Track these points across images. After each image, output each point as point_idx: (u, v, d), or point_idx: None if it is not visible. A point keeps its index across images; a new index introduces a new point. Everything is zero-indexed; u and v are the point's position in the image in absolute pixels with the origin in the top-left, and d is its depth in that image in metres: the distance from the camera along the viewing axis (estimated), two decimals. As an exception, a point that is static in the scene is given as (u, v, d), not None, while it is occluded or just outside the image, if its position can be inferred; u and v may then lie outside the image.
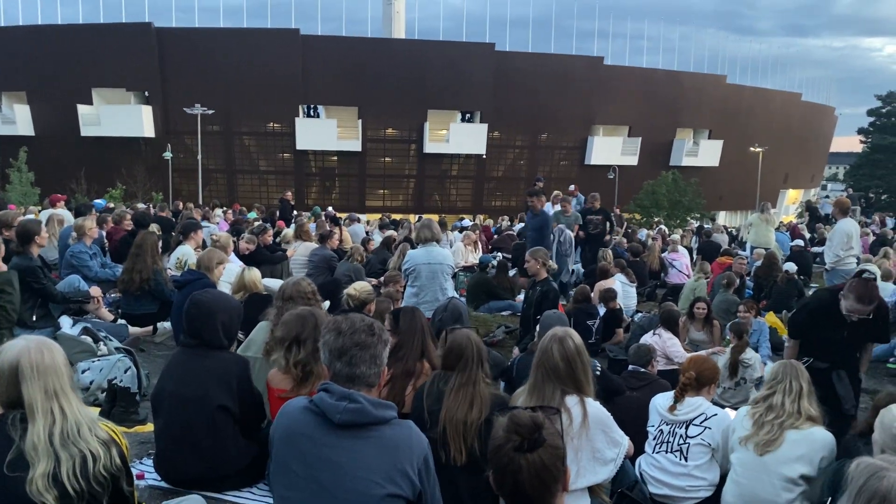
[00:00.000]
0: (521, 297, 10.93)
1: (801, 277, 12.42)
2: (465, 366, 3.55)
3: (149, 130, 43.19)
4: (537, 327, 5.71)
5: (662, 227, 27.94)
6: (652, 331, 7.50)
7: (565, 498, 2.11)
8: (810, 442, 3.75)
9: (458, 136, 46.69)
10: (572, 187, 17.32)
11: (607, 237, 13.31)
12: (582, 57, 48.90)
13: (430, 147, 46.80)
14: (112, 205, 20.04)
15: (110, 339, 5.96)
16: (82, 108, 42.51)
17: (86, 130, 42.57)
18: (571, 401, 3.42)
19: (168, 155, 38.95)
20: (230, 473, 3.57)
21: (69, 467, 2.33)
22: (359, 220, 18.25)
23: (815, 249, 17.03)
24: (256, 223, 14.95)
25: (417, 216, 32.41)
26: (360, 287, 6.07)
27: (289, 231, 13.00)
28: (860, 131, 62.48)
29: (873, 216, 28.35)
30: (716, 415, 4.22)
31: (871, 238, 17.97)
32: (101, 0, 46.06)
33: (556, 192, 15.47)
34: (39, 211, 14.47)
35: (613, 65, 49.09)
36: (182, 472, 3.59)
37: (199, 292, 3.94)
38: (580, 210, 13.88)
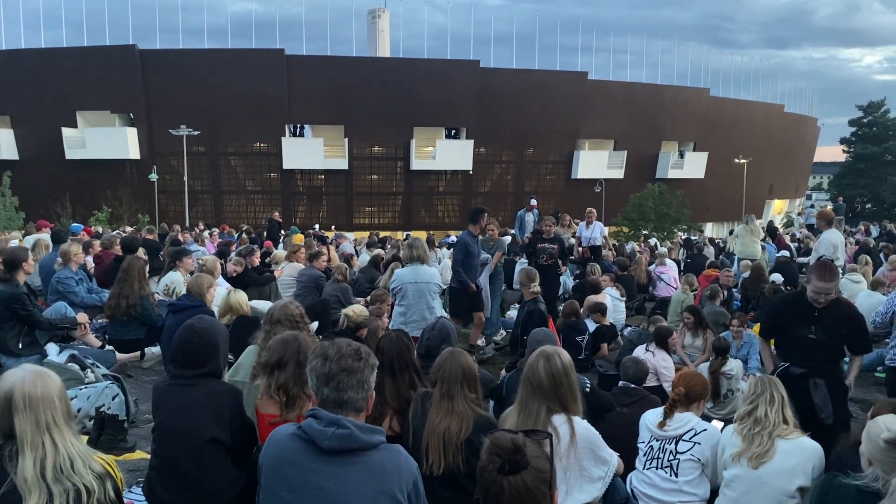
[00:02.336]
0: (510, 313, 10.95)
1: (788, 288, 12.50)
2: (442, 381, 3.58)
3: (134, 152, 43.07)
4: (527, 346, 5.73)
5: (653, 240, 28.07)
6: (645, 346, 7.51)
7: None
8: (801, 451, 3.77)
9: (444, 153, 46.86)
10: (533, 201, 16.42)
11: (562, 269, 11.25)
12: (566, 72, 49.31)
13: (417, 164, 46.93)
14: (100, 229, 19.97)
15: (97, 366, 5.91)
16: (67, 132, 42.38)
17: (70, 153, 42.41)
18: (559, 420, 3.42)
19: (154, 177, 38.84)
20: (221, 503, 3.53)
21: (62, 502, 2.31)
22: (346, 239, 18.22)
23: (801, 260, 17.15)
24: (243, 246, 14.89)
25: (405, 233, 32.46)
26: (359, 311, 6.10)
27: (279, 252, 12.95)
28: (843, 141, 63.20)
29: (858, 225, 28.58)
30: (705, 430, 4.23)
31: (854, 247, 18.11)
32: (84, 23, 46.14)
33: (590, 209, 14.44)
34: (24, 236, 14.38)
35: (597, 79, 49.53)
36: (171, 503, 3.54)
37: (193, 320, 3.84)
38: (532, 233, 12.49)
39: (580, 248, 14.10)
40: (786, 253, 16.46)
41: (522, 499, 2.00)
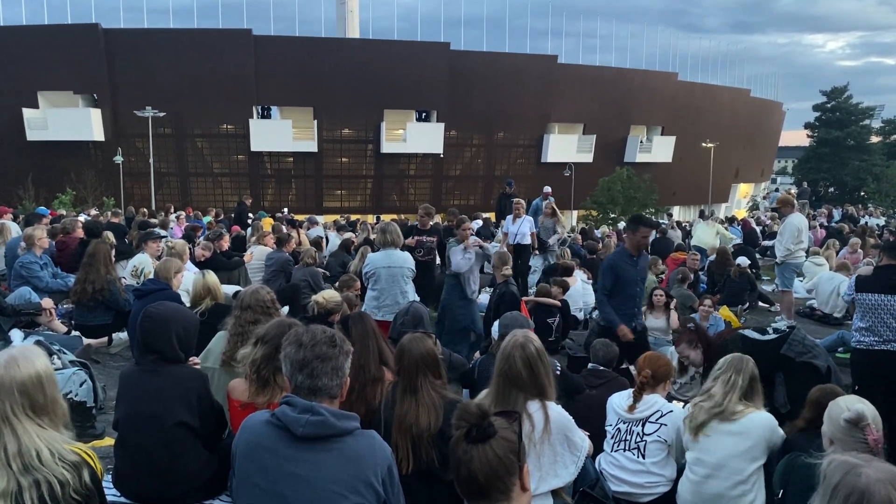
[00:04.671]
0: (481, 297, 11.00)
1: (753, 270, 12.75)
2: (405, 372, 3.51)
3: (98, 134, 42.15)
4: (493, 329, 5.78)
5: (622, 224, 28.34)
6: (611, 329, 7.58)
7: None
8: (752, 428, 3.88)
9: (414, 136, 46.62)
10: (547, 189, 14.90)
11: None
12: (536, 56, 49.25)
13: (388, 147, 46.65)
14: (63, 212, 19.59)
15: (64, 353, 5.82)
16: (28, 112, 41.32)
17: (32, 135, 41.36)
18: (533, 406, 3.42)
19: (119, 159, 38.10)
20: (191, 489, 3.52)
21: (32, 496, 2.26)
22: (318, 223, 18.10)
23: (766, 243, 17.49)
24: (211, 230, 14.71)
25: (376, 217, 32.32)
26: (329, 296, 6.00)
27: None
28: (807, 126, 64.18)
29: (821, 209, 29.16)
30: (671, 411, 4.32)
31: (820, 231, 18.50)
32: (45, 1, 44.86)
33: (517, 200, 12.84)
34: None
35: (567, 63, 49.53)
36: (142, 491, 3.53)
37: (152, 305, 3.85)
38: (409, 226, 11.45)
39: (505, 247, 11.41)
40: (739, 241, 16.85)
41: (493, 467, 2.03)
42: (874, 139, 63.70)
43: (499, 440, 2.07)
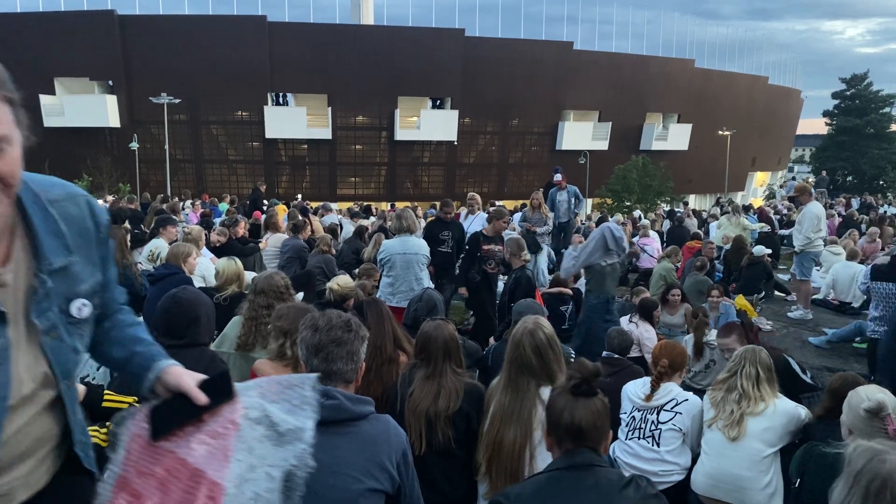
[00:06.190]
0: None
1: (771, 259, 12.65)
2: (428, 357, 3.53)
3: (114, 120, 42.39)
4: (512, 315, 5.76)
5: (637, 212, 28.19)
6: (629, 317, 7.56)
7: None
8: (773, 414, 3.89)
9: (428, 123, 46.52)
10: (558, 176, 13.46)
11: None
12: (551, 42, 48.93)
13: (402, 134, 46.60)
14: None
15: (81, 336, 5.86)
16: (45, 99, 41.57)
17: (49, 121, 41.58)
18: (547, 393, 3.42)
19: (134, 145, 38.30)
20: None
21: None
22: (331, 210, 18.11)
23: (783, 232, 17.34)
24: (227, 216, 14.76)
25: (390, 204, 32.29)
26: (344, 282, 6.03)
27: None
28: (825, 114, 63.33)
29: (838, 198, 28.85)
30: (686, 400, 4.30)
31: (837, 220, 18.31)
32: (61, -13, 44.95)
33: (471, 194, 11.90)
34: None
35: (583, 49, 49.19)
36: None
37: (178, 290, 3.82)
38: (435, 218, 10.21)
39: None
40: (765, 227, 16.65)
41: (594, 419, 2.31)
42: (894, 127, 62.80)
43: (600, 400, 2.37)
